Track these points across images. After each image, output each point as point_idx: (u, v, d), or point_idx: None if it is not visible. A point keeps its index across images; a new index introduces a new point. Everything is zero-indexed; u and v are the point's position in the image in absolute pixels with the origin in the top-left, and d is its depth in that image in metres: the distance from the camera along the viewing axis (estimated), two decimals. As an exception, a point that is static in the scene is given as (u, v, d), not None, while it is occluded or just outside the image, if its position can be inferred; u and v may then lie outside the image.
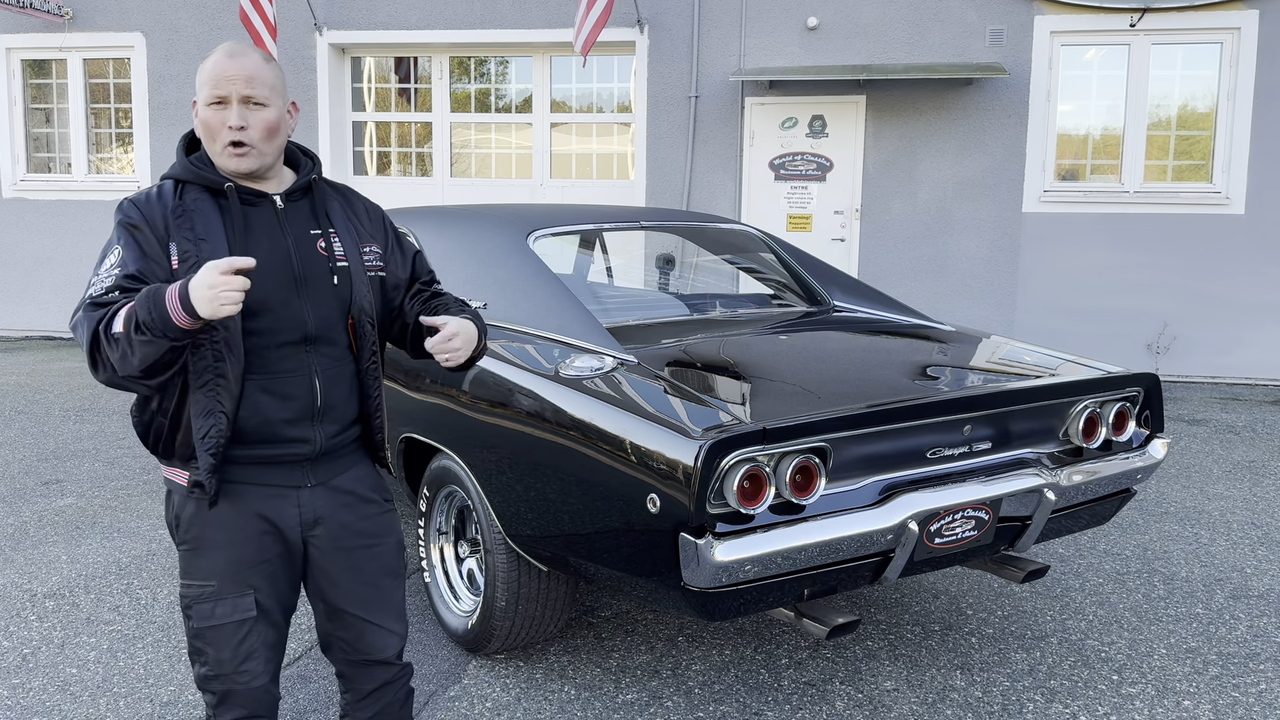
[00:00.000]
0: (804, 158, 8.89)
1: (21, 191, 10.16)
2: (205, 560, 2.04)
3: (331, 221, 2.10)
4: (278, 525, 2.06)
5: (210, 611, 2.03)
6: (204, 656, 2.06)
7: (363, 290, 2.09)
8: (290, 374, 2.00)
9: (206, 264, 1.78)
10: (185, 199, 1.98)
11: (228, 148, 1.97)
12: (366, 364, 2.12)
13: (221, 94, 1.95)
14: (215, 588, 2.03)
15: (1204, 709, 3.02)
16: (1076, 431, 3.03)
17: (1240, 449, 6.19)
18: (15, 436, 6.20)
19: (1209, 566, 4.17)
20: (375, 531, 2.18)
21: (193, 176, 2.00)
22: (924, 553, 2.69)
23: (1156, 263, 8.44)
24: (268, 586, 2.07)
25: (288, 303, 1.99)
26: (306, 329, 2.01)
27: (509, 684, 3.13)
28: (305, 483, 2.08)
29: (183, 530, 2.06)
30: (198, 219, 1.96)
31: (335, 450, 2.11)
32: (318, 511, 2.10)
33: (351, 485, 2.14)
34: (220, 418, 1.93)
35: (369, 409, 2.15)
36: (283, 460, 2.04)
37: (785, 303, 4.16)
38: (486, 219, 3.85)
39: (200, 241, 1.94)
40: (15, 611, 3.63)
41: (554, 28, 9.07)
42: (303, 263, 2.02)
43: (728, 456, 2.39)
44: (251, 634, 2.06)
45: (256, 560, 2.05)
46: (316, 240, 2.06)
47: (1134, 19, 8.22)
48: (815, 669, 3.24)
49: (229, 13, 9.45)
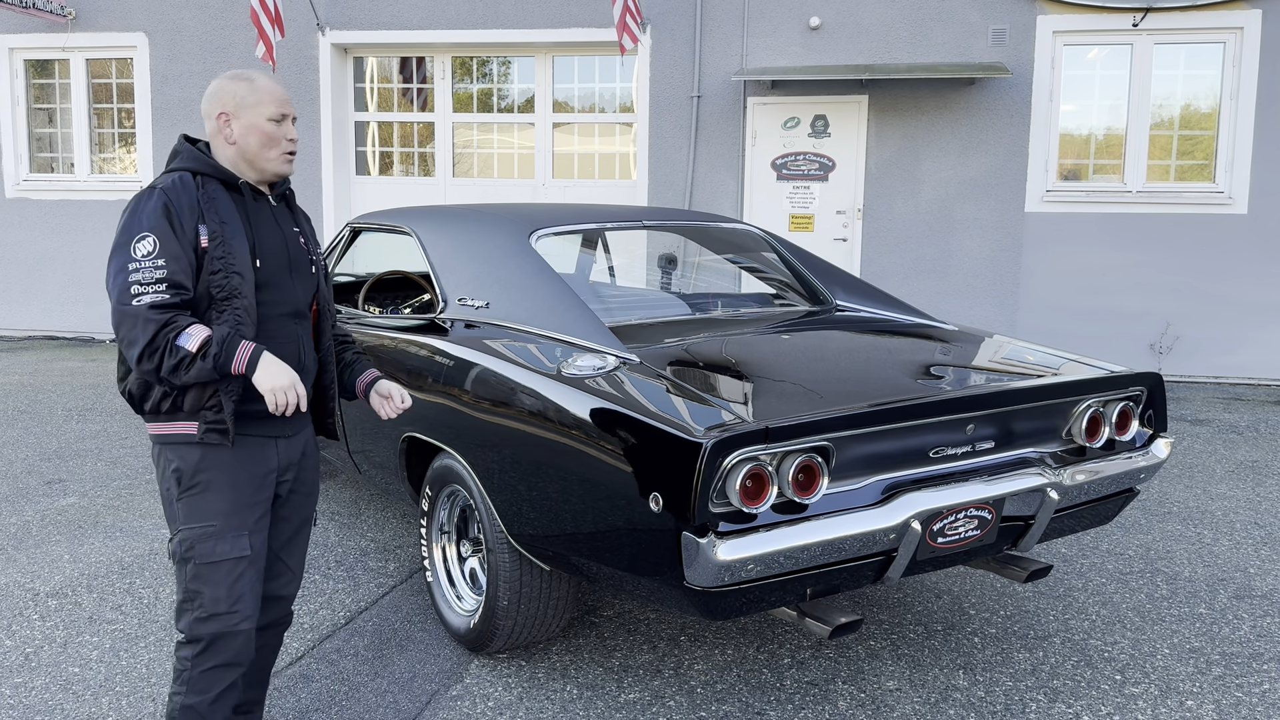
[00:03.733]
0: (806, 157, 8.88)
1: (24, 191, 10.17)
2: (209, 503, 2.29)
3: (298, 223, 2.52)
4: (266, 470, 2.37)
5: (212, 549, 2.28)
6: (199, 599, 2.29)
7: (325, 281, 2.56)
8: (284, 341, 2.38)
9: (286, 368, 2.22)
10: (206, 188, 2.29)
11: (284, 155, 2.37)
12: (326, 344, 2.56)
13: (286, 112, 2.37)
14: (218, 526, 2.29)
15: (1207, 709, 3.01)
16: (1079, 431, 3.03)
17: (1243, 449, 6.18)
18: (18, 436, 6.20)
19: (1212, 566, 4.17)
20: (312, 482, 2.57)
21: (210, 170, 2.32)
22: (926, 552, 2.69)
23: (1159, 262, 8.43)
24: (257, 530, 2.35)
25: (284, 282, 2.39)
26: (297, 304, 2.43)
27: (511, 683, 3.13)
28: (285, 433, 2.42)
29: (189, 477, 2.29)
30: (220, 205, 2.29)
31: None
32: (290, 458, 2.45)
33: (306, 439, 2.52)
34: None
35: (325, 381, 2.56)
36: (270, 414, 2.31)
37: (788, 302, 4.16)
38: (489, 218, 3.85)
39: (224, 224, 2.27)
40: (18, 610, 3.64)
41: (556, 27, 9.07)
42: (293, 251, 2.44)
43: (730, 455, 2.38)
44: (245, 574, 2.31)
45: (251, 502, 2.34)
46: (298, 235, 2.48)
47: (1136, 19, 8.21)
48: (818, 668, 3.24)
49: (231, 12, 9.45)
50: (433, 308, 3.75)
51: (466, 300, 3.51)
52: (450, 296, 3.58)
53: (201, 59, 9.66)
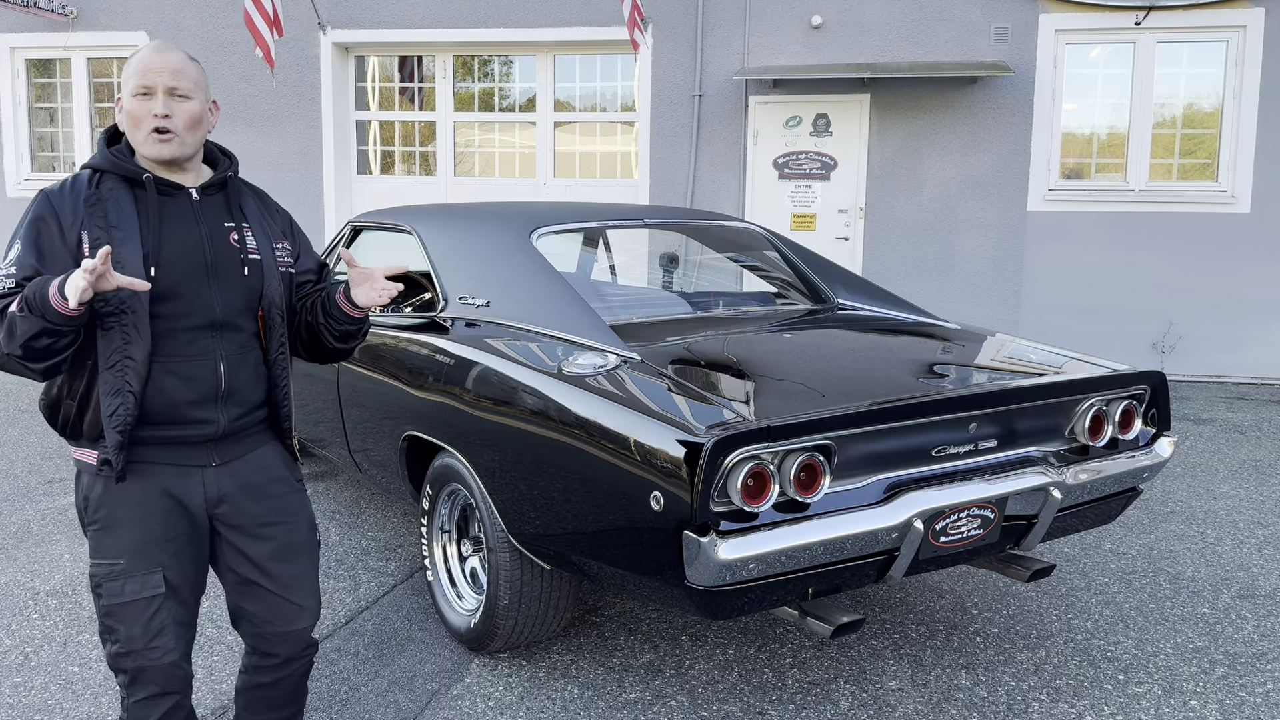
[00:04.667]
0: (808, 156, 8.87)
1: (26, 190, 10.16)
2: (114, 539, 2.10)
3: (246, 216, 2.20)
4: (184, 503, 2.13)
5: (120, 589, 2.09)
6: (115, 634, 2.12)
7: (273, 283, 2.20)
8: (196, 358, 2.09)
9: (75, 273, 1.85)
10: (101, 188, 2.06)
11: (151, 134, 2.05)
12: (275, 353, 2.23)
13: (148, 85, 2.05)
14: (124, 565, 2.09)
15: (1211, 709, 3.00)
16: (1082, 430, 3.01)
17: (1246, 448, 6.17)
18: (19, 435, 6.20)
19: (1215, 566, 4.15)
20: (284, 509, 2.27)
21: (111, 166, 2.09)
22: (929, 551, 2.67)
23: (1162, 261, 8.41)
24: (174, 564, 2.13)
25: (197, 290, 2.09)
26: (214, 315, 2.11)
27: (512, 683, 3.12)
28: (210, 462, 2.15)
29: (91, 510, 2.12)
30: (111, 207, 2.04)
31: (240, 432, 2.19)
32: (222, 490, 2.17)
33: (258, 465, 2.23)
34: (129, 397, 2.01)
35: (276, 396, 2.25)
36: (188, 440, 2.12)
37: (789, 300, 4.15)
38: (490, 217, 3.84)
39: (113, 229, 2.02)
40: (18, 610, 3.63)
41: (557, 26, 9.06)
42: (215, 252, 2.12)
43: (732, 454, 2.37)
44: (161, 610, 2.11)
45: (163, 538, 2.11)
46: (230, 233, 2.16)
47: (1139, 17, 8.20)
48: (820, 668, 3.23)
49: (232, 11, 9.45)
50: (433, 306, 3.74)
51: (467, 299, 3.50)
52: (451, 295, 3.58)
53: (202, 58, 9.65)
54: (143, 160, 2.11)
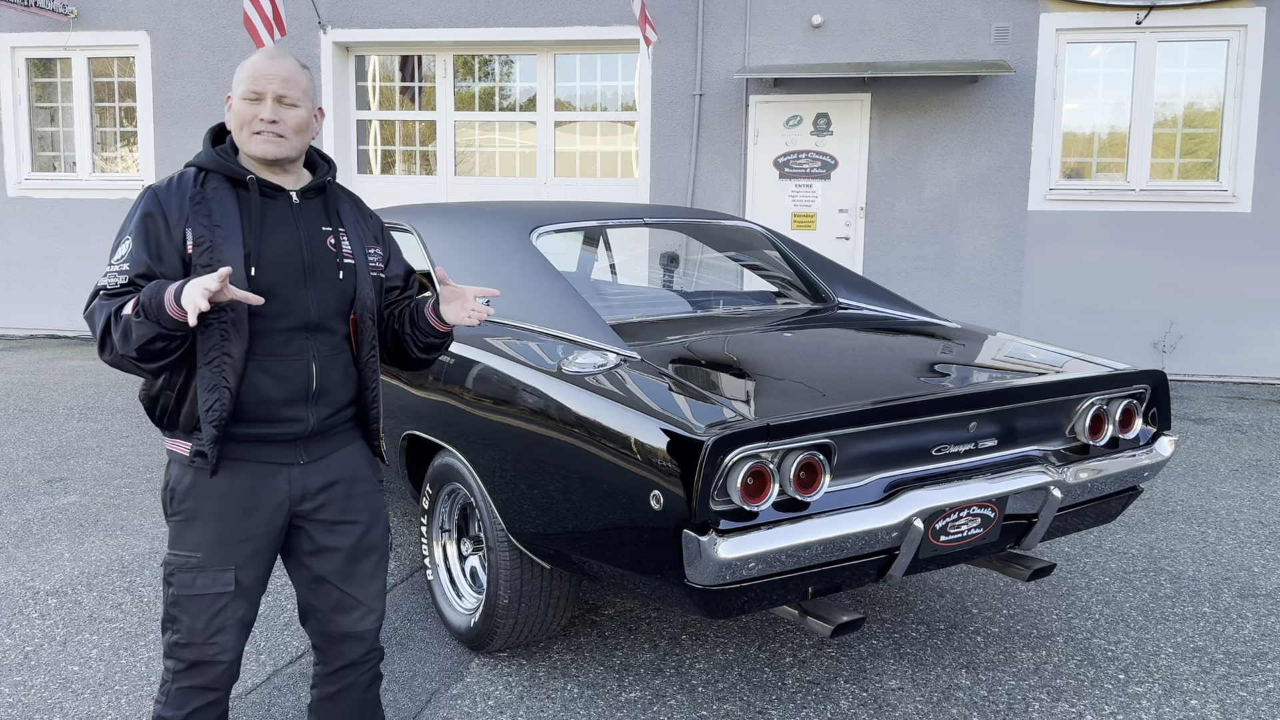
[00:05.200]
0: (809, 156, 8.87)
1: (26, 190, 10.17)
2: (194, 532, 2.14)
3: (342, 221, 2.25)
4: (268, 502, 2.17)
5: (191, 581, 2.13)
6: (177, 625, 2.16)
7: (366, 289, 2.24)
8: (290, 358, 2.13)
9: (195, 282, 1.90)
10: (206, 187, 2.11)
11: (258, 135, 2.10)
12: (366, 356, 2.27)
13: (258, 90, 2.11)
14: (200, 559, 2.13)
15: (1211, 708, 3.00)
16: (1083, 429, 3.01)
17: (1247, 448, 6.16)
18: (19, 434, 6.20)
19: (1216, 565, 4.15)
20: (362, 509, 2.30)
21: (216, 165, 2.13)
22: (929, 550, 2.67)
23: (1162, 261, 8.41)
24: (248, 564, 2.17)
25: (293, 291, 2.13)
26: (309, 317, 2.14)
27: (511, 682, 3.12)
28: (298, 459, 2.19)
29: (177, 501, 2.15)
30: (215, 206, 2.09)
31: (328, 430, 2.23)
32: (307, 487, 2.21)
33: (343, 463, 2.27)
34: (224, 393, 2.05)
35: (367, 399, 2.29)
36: (277, 438, 2.15)
37: (790, 300, 4.14)
38: (489, 215, 3.84)
39: (215, 228, 2.07)
40: (18, 609, 3.63)
41: (558, 26, 9.06)
42: (312, 255, 2.16)
43: (731, 453, 2.37)
44: (226, 609, 2.16)
45: (241, 537, 2.15)
46: (327, 237, 2.20)
47: (1140, 16, 8.19)
48: (820, 667, 3.23)
49: (233, 11, 9.44)
50: (433, 305, 3.73)
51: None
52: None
53: (203, 57, 9.66)
54: (246, 161, 2.15)
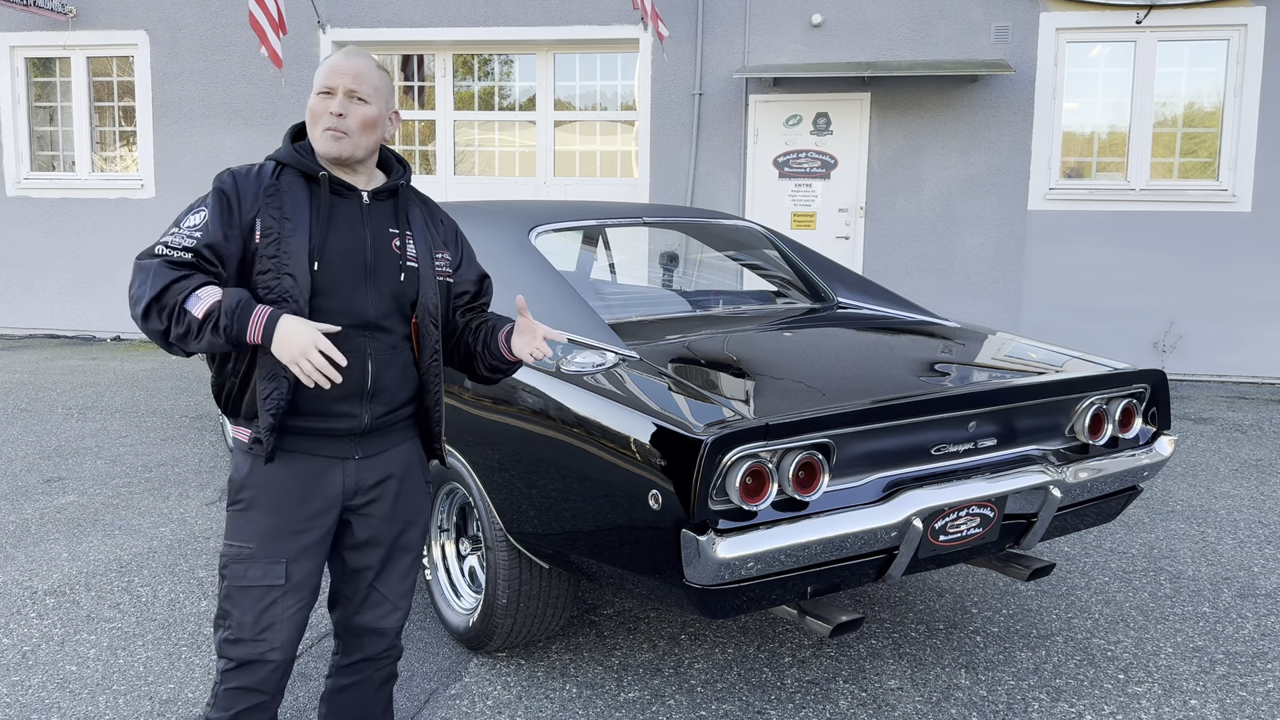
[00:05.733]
0: (808, 155, 8.86)
1: (25, 190, 10.16)
2: (249, 523, 2.16)
3: (410, 225, 2.26)
4: (322, 495, 2.18)
5: (243, 572, 2.16)
6: (228, 620, 2.18)
7: (429, 292, 2.24)
8: (347, 354, 2.11)
9: (308, 326, 1.99)
10: (281, 180, 2.14)
11: (326, 131, 2.13)
12: (429, 360, 2.27)
13: (330, 85, 2.14)
14: (253, 550, 2.16)
15: (1211, 708, 2.99)
16: (1082, 428, 3.01)
17: (1247, 447, 6.16)
18: (18, 434, 6.20)
19: (1216, 565, 4.14)
20: (408, 508, 2.32)
21: (292, 160, 2.16)
22: (928, 550, 2.67)
23: (1162, 260, 8.40)
24: (300, 559, 2.18)
25: (354, 289, 2.15)
26: (368, 315, 2.16)
27: (510, 682, 3.11)
28: (354, 454, 2.20)
29: (236, 490, 2.18)
30: (287, 199, 2.12)
31: (383, 428, 2.23)
32: (361, 481, 2.22)
33: (396, 460, 2.28)
34: (283, 382, 2.07)
35: (428, 401, 2.29)
36: (332, 433, 2.17)
37: (789, 299, 4.14)
38: (488, 215, 3.83)
39: (285, 221, 2.10)
40: (16, 609, 3.62)
41: (557, 25, 9.06)
42: (375, 255, 2.18)
43: (730, 453, 2.37)
44: (277, 604, 2.17)
45: (294, 531, 2.17)
46: (393, 239, 2.21)
47: (1140, 15, 8.19)
48: (819, 667, 3.22)
49: (232, 10, 9.44)
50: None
51: (466, 297, 3.49)
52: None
53: (202, 57, 9.65)
54: (320, 159, 2.17)
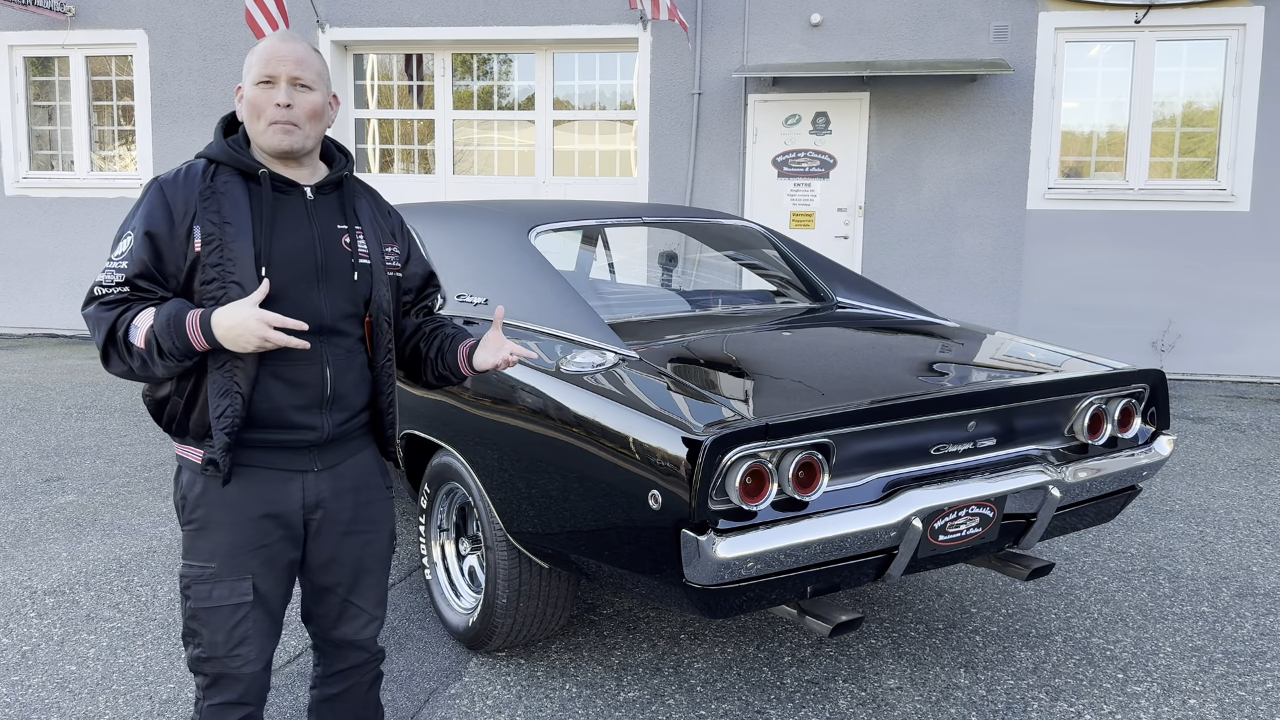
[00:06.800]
0: (807, 155, 8.86)
1: (24, 189, 10.16)
2: (207, 542, 2.06)
3: (359, 218, 2.14)
4: (282, 510, 2.09)
5: (208, 593, 2.06)
6: (198, 638, 2.09)
7: (383, 289, 2.14)
8: (303, 362, 2.03)
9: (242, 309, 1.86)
10: (216, 181, 2.00)
11: (274, 125, 1.99)
12: (382, 360, 2.17)
13: (271, 74, 1.98)
14: (215, 569, 2.06)
15: (1210, 708, 3.00)
16: (1081, 428, 3.01)
17: (1246, 447, 6.16)
18: (17, 434, 6.19)
19: (1215, 564, 4.15)
20: (372, 517, 2.24)
21: (227, 158, 2.02)
22: (928, 550, 2.67)
23: (1161, 260, 8.41)
24: (265, 572, 2.10)
25: (306, 293, 2.02)
26: (322, 320, 2.04)
27: (510, 681, 3.12)
28: (312, 467, 2.11)
29: (189, 510, 2.08)
30: (225, 201, 1.98)
31: (342, 437, 2.15)
32: (321, 495, 2.13)
33: (355, 471, 2.20)
34: (236, 398, 1.97)
35: (382, 404, 2.20)
36: (291, 445, 2.07)
37: (788, 299, 4.14)
38: (488, 214, 3.83)
39: (225, 225, 1.96)
40: (15, 608, 3.62)
41: (557, 24, 9.05)
42: (326, 255, 2.06)
43: (730, 452, 2.37)
44: (246, 619, 2.08)
45: (256, 545, 2.07)
46: (342, 235, 2.09)
47: (1139, 15, 8.19)
48: (818, 667, 3.22)
49: (231, 9, 9.43)
50: (432, 304, 3.73)
51: (465, 297, 3.50)
52: (449, 293, 3.57)
53: (201, 56, 9.64)
54: (259, 153, 2.05)
